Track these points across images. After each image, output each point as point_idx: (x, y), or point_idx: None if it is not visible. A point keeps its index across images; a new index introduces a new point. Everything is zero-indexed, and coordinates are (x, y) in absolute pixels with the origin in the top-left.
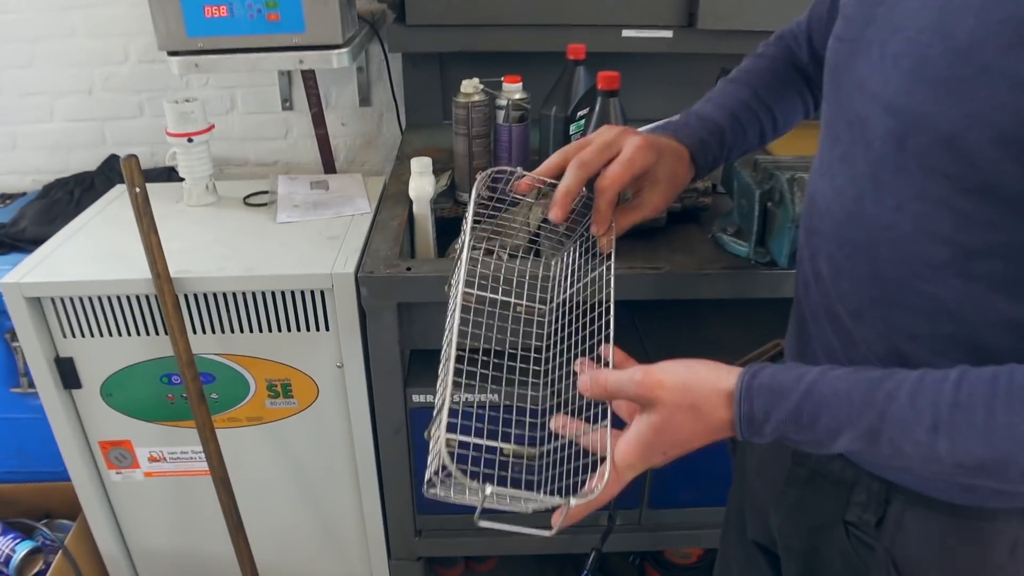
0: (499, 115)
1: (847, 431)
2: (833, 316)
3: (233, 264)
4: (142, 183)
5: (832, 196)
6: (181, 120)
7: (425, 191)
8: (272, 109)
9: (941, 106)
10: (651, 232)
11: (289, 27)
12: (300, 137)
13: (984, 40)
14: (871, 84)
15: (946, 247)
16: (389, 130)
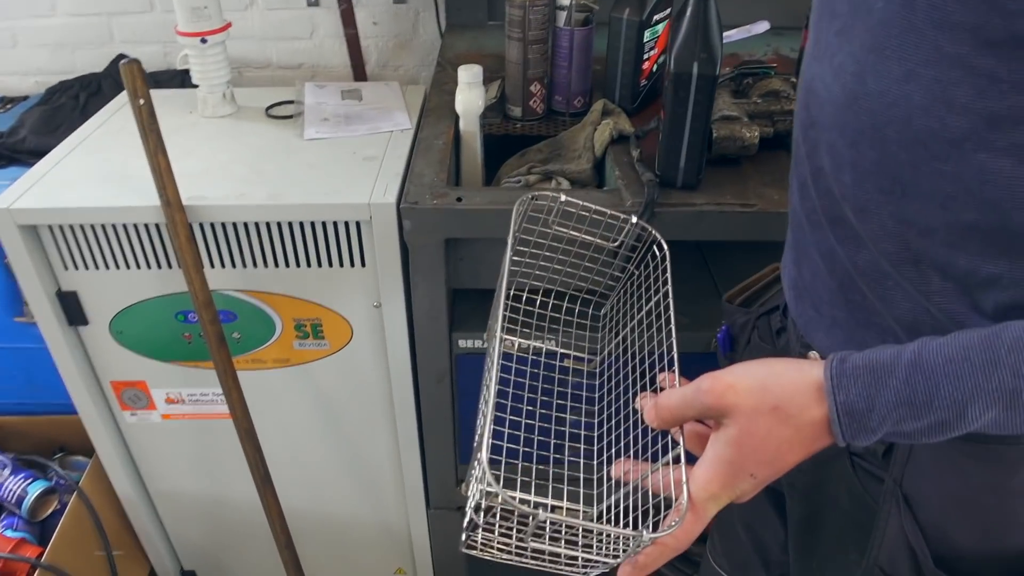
0: (560, 17)
1: (976, 400)
2: (835, 218)
3: (255, 189)
4: (147, 93)
5: (832, 78)
6: (193, 17)
7: (474, 105)
8: (296, 5)
9: None
10: (737, 161)
11: None
12: (327, 37)
13: None
14: None
15: (965, 117)
16: (426, 31)
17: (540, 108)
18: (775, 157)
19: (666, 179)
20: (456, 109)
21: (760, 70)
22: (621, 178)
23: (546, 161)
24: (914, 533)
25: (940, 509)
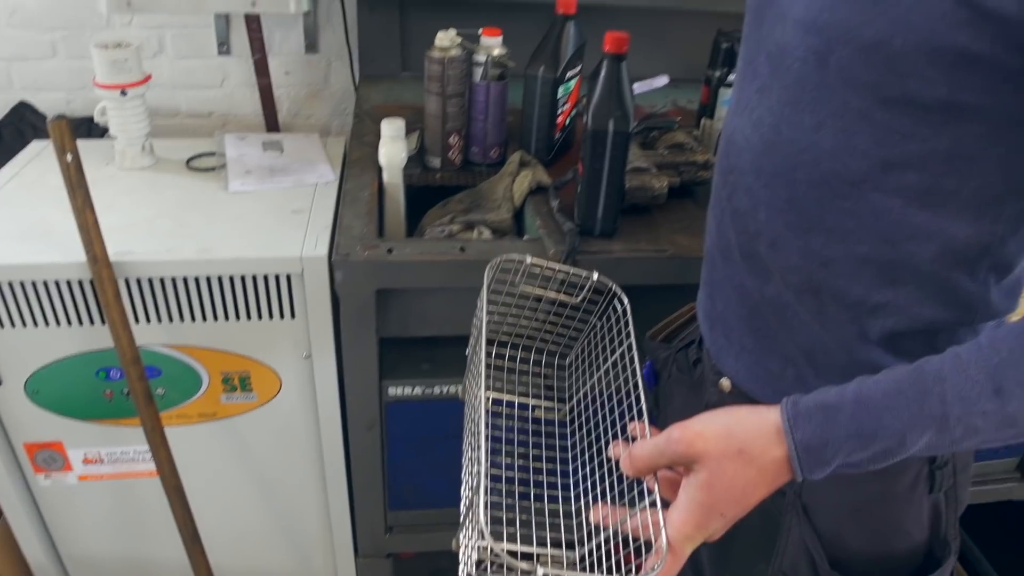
0: (476, 72)
1: (914, 427)
2: (748, 253)
3: (183, 243)
4: (75, 149)
5: (751, 129)
6: (113, 69)
7: (398, 158)
8: (207, 54)
9: (866, 16)
10: (649, 209)
11: None
12: (238, 86)
13: None
14: (793, 11)
15: (864, 161)
16: (339, 81)
17: (458, 159)
18: (682, 205)
19: (585, 228)
20: (380, 162)
21: (664, 124)
22: (543, 227)
23: (467, 211)
24: (812, 540)
25: (835, 517)
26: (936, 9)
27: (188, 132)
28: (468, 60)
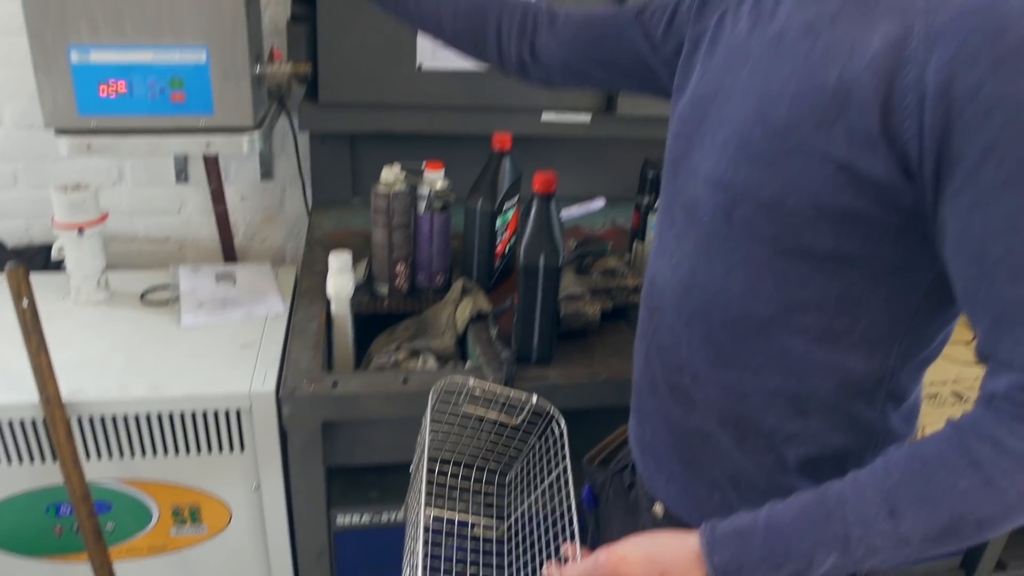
0: (420, 204)
1: (820, 549)
2: (674, 385)
3: (135, 380)
4: (31, 294)
5: (670, 273)
6: (71, 210)
7: (345, 290)
8: (165, 182)
9: (763, 177)
10: (583, 334)
11: (195, 108)
12: (196, 212)
13: (797, 123)
14: (703, 168)
15: (770, 304)
16: (292, 206)
17: (405, 286)
18: (616, 328)
19: (522, 355)
20: (328, 293)
21: (597, 250)
22: (482, 355)
23: (413, 338)
24: None
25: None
26: (820, 175)
27: (145, 257)
28: (412, 193)
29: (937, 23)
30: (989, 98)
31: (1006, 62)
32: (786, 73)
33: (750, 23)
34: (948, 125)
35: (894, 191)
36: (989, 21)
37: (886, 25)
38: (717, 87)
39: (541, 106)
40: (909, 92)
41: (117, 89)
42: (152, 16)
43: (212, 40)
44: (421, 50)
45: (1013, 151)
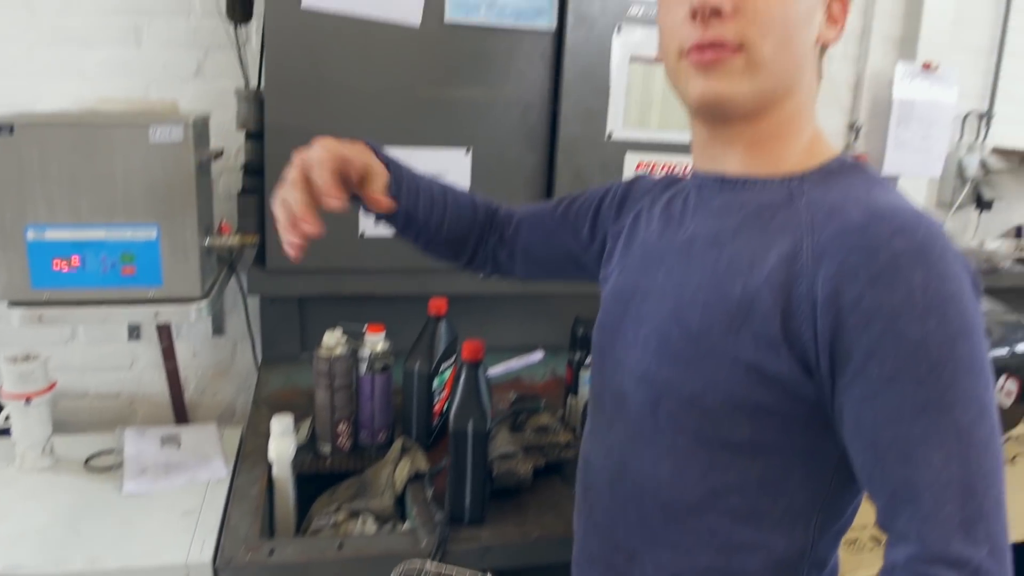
0: (361, 365)
1: None
2: (610, 563)
3: (73, 554)
4: None
5: (603, 456)
6: (19, 380)
7: (286, 453)
8: (118, 339)
9: (684, 376)
10: (517, 491)
11: (145, 280)
12: (147, 367)
13: (710, 328)
14: (628, 362)
15: (697, 489)
16: (243, 360)
17: (347, 445)
18: (549, 483)
19: (456, 516)
20: (269, 456)
21: (531, 407)
22: (418, 516)
23: (354, 498)
24: None
25: None
26: (733, 374)
27: (95, 413)
28: (353, 355)
29: (821, 241)
30: (868, 308)
31: (880, 277)
32: (696, 281)
33: (661, 225)
34: (837, 330)
35: (798, 386)
36: (863, 241)
37: (779, 241)
38: (635, 285)
39: None
40: (803, 302)
41: (70, 264)
42: (107, 198)
43: (163, 218)
44: (363, 219)
45: (891, 352)
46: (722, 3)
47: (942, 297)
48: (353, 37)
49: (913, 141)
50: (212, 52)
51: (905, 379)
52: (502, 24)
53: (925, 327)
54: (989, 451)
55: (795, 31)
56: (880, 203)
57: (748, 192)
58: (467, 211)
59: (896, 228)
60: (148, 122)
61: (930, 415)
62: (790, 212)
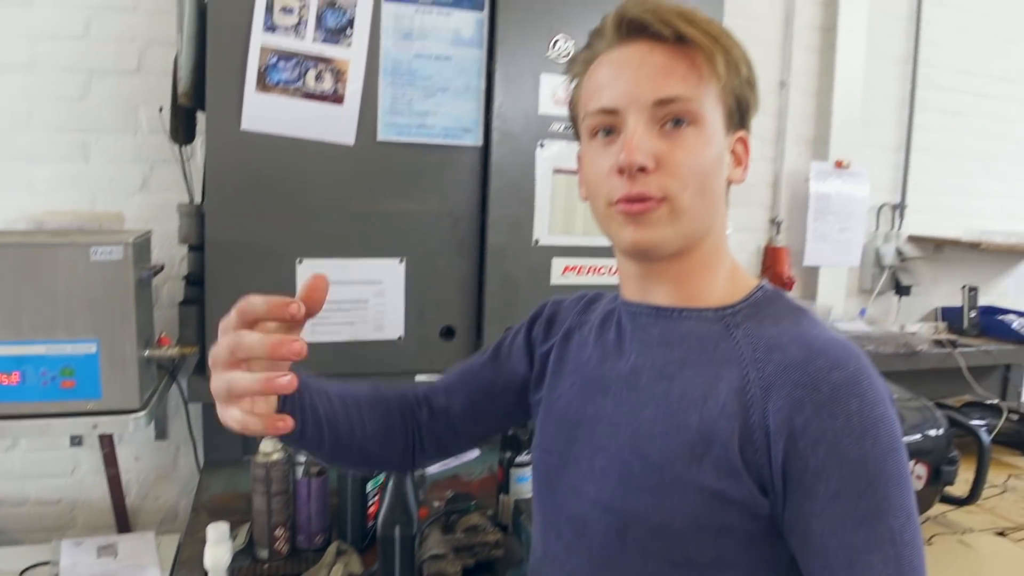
0: (298, 470)
1: None
2: None
3: None
4: None
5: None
6: None
7: (222, 560)
8: (60, 445)
9: (651, 505)
10: None
11: (84, 393)
12: (89, 473)
13: (672, 458)
14: (587, 490)
15: None
16: (186, 464)
17: (284, 549)
18: None
19: None
20: (205, 564)
21: (463, 508)
22: None
23: None
24: None
25: None
26: (698, 500)
27: (35, 520)
28: (290, 460)
29: (767, 375)
30: (815, 434)
31: (823, 407)
32: (651, 413)
33: (599, 354)
34: (788, 454)
35: (756, 506)
36: (806, 377)
37: (726, 374)
38: (581, 413)
39: (414, 369)
40: (756, 430)
41: (11, 378)
42: (48, 314)
43: (103, 333)
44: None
45: (835, 471)
46: (646, 162)
47: (874, 420)
48: (290, 156)
49: (831, 233)
50: (157, 167)
51: (848, 494)
52: (432, 141)
53: (863, 447)
54: (916, 548)
55: (709, 179)
56: (812, 338)
57: (685, 323)
58: (377, 399)
59: (832, 363)
60: (90, 242)
61: (869, 524)
62: (730, 344)
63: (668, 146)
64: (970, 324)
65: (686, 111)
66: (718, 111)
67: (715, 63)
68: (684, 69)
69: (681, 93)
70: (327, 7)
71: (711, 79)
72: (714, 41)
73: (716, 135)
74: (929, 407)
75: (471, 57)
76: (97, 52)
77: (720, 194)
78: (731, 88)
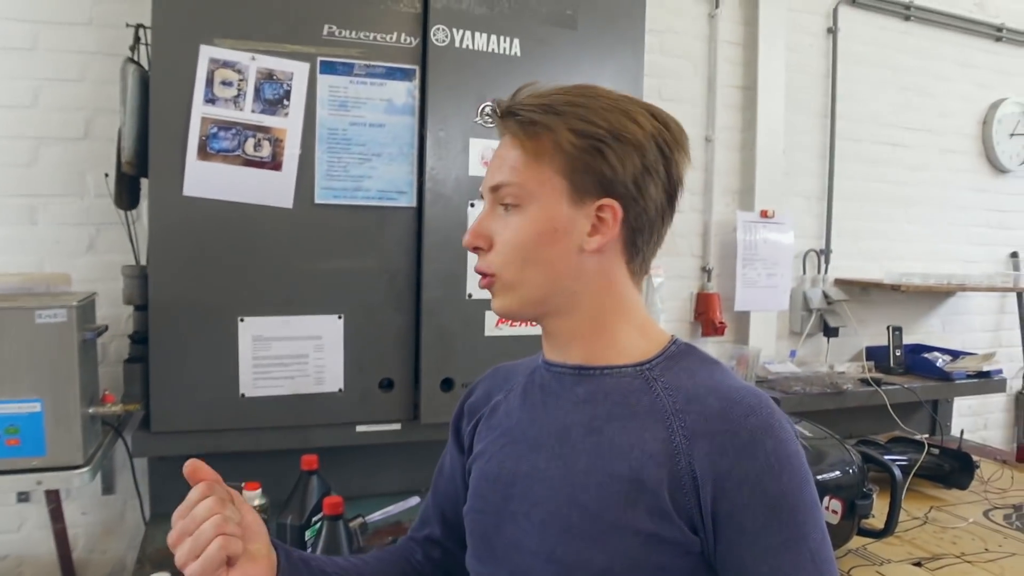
0: None
1: None
2: None
3: None
4: None
5: None
6: None
7: None
8: (6, 502)
9: (592, 551)
10: None
11: (29, 451)
12: (36, 528)
13: (608, 506)
14: (527, 544)
15: None
16: (133, 517)
17: None
18: None
19: None
20: None
21: None
22: None
23: None
24: None
25: None
26: (635, 543)
27: None
28: None
29: (688, 425)
30: (738, 476)
31: (743, 450)
32: (584, 464)
33: (528, 416)
34: (716, 496)
35: (688, 544)
36: (725, 425)
37: (650, 425)
38: (514, 472)
39: (355, 420)
40: (684, 475)
41: None
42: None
43: (46, 394)
44: (243, 381)
45: (760, 508)
46: (476, 242)
47: (788, 456)
48: (232, 219)
49: (759, 279)
50: (104, 229)
51: (773, 525)
52: (367, 203)
53: (781, 482)
54: (832, 564)
55: (534, 252)
56: (727, 388)
57: (607, 380)
58: (387, 566)
59: (747, 410)
60: (35, 306)
61: (794, 547)
62: (651, 398)
63: (500, 226)
64: (896, 362)
65: (510, 195)
66: (556, 187)
67: (555, 141)
68: (516, 156)
69: (504, 180)
70: (265, 80)
71: (547, 158)
72: (558, 118)
73: (550, 211)
74: (841, 445)
75: (404, 124)
76: (45, 120)
77: (555, 262)
78: (576, 162)
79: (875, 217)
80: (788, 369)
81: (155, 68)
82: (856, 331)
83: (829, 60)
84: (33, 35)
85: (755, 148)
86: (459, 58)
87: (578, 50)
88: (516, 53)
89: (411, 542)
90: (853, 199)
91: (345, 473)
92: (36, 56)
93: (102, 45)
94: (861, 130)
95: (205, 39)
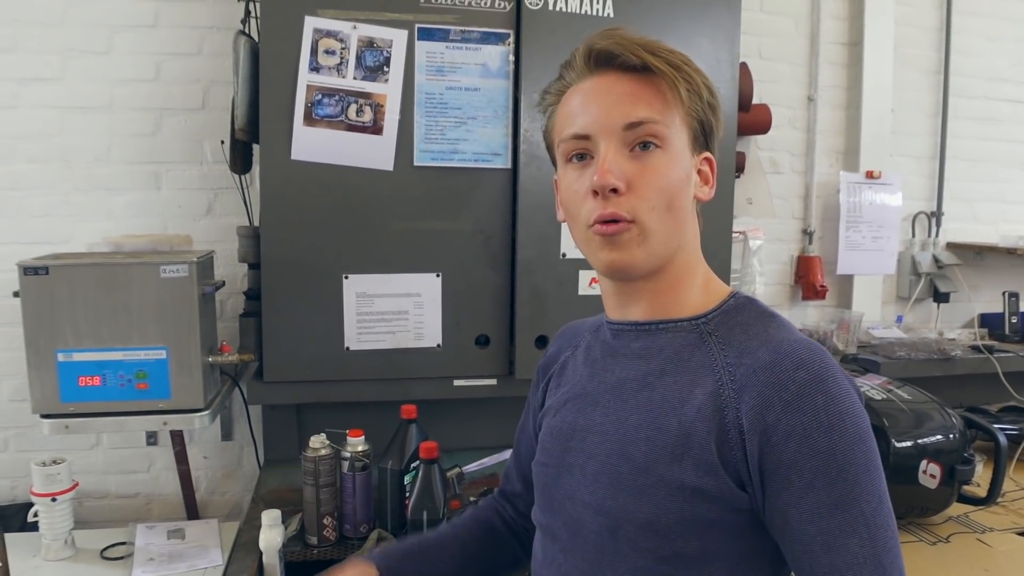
0: (344, 465)
1: None
2: None
3: None
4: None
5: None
6: (47, 481)
7: (275, 542)
8: (137, 443)
9: (639, 504)
10: None
11: (156, 394)
12: (163, 470)
13: (655, 460)
14: (580, 495)
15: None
16: (249, 462)
17: (333, 536)
18: None
19: None
20: (260, 546)
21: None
22: None
23: None
24: None
25: None
26: (680, 497)
27: (115, 511)
28: (336, 456)
29: (737, 378)
30: (785, 429)
31: (791, 404)
32: (635, 420)
33: (588, 372)
34: (762, 449)
35: (735, 500)
36: (773, 377)
37: (701, 380)
38: (574, 425)
39: (452, 374)
40: (731, 429)
41: (93, 381)
42: (124, 325)
43: (171, 342)
44: (348, 335)
45: (807, 462)
46: (617, 183)
47: (840, 413)
48: (336, 181)
49: (864, 242)
50: (221, 194)
51: (821, 483)
52: (464, 165)
53: (831, 439)
54: (890, 531)
55: (675, 198)
56: (779, 341)
57: (663, 336)
58: (473, 529)
59: (797, 363)
60: (159, 261)
61: (843, 510)
62: (704, 353)
63: (638, 168)
64: (1011, 329)
65: (653, 134)
66: (683, 134)
67: (678, 90)
68: (650, 95)
69: (648, 117)
70: (366, 48)
71: (675, 104)
72: (677, 70)
73: (682, 156)
74: (941, 409)
75: (498, 87)
76: (167, 93)
77: (687, 212)
78: (695, 113)
79: (991, 178)
80: (893, 334)
81: (264, 40)
82: (968, 297)
83: (942, 12)
84: (155, 13)
85: (860, 107)
86: (552, 20)
87: (672, 9)
88: (609, 14)
89: (501, 496)
90: (967, 159)
91: (443, 426)
92: (157, 33)
93: (216, 20)
94: (976, 86)
95: (309, 10)
